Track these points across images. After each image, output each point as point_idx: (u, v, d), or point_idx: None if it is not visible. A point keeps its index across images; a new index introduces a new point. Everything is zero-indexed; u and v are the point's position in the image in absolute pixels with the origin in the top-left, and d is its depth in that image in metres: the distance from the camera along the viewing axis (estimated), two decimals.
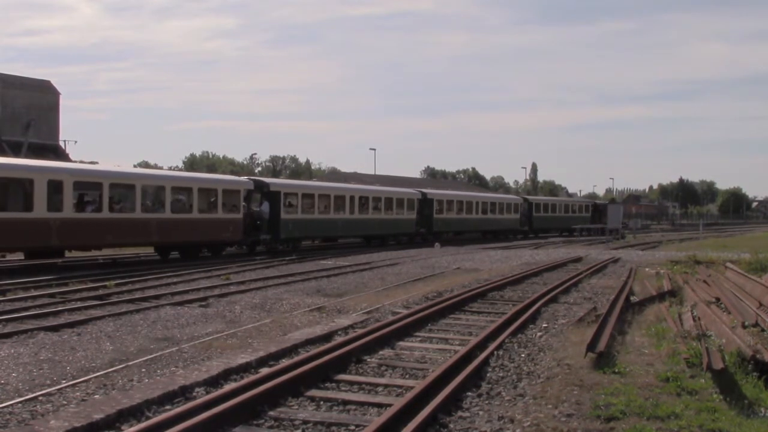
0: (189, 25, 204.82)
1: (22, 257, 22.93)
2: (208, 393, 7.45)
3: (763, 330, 10.46)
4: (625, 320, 12.33)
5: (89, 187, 23.19)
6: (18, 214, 20.53)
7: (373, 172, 72.72)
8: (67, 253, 23.35)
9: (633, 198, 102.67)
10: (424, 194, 42.87)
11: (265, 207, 30.05)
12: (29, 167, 21.70)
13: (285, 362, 8.74)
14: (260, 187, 30.41)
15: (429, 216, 42.15)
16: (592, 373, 8.45)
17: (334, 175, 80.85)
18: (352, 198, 35.65)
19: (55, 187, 21.18)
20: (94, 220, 22.64)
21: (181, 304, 14.66)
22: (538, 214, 56.33)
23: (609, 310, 12.45)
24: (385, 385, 8.10)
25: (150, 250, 27.49)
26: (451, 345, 10.55)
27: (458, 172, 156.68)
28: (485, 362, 9.02)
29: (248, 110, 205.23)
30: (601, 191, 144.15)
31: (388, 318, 12.48)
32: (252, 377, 7.90)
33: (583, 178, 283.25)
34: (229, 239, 27.80)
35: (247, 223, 28.43)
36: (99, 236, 22.83)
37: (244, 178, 31.52)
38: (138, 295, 15.97)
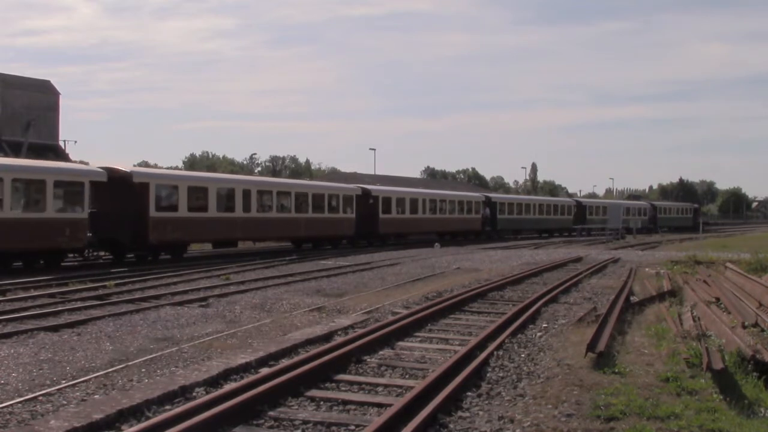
0: (188, 25, 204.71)
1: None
2: (208, 393, 7.45)
3: (763, 330, 10.46)
4: (625, 320, 12.33)
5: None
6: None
7: (373, 172, 72.66)
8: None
9: (633, 198, 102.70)
10: (578, 202, 67.10)
11: (487, 211, 50.68)
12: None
13: (285, 362, 8.74)
14: (487, 198, 52.26)
15: (583, 216, 63.16)
16: (592, 373, 8.45)
17: (335, 175, 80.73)
18: (534, 205, 57.27)
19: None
20: (408, 219, 41.36)
21: (181, 304, 14.66)
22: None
23: (609, 310, 12.45)
24: (385, 385, 8.09)
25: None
26: (451, 345, 10.55)
27: (458, 172, 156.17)
28: (485, 362, 9.02)
29: (248, 110, 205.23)
30: (601, 191, 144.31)
31: (388, 318, 12.48)
32: (252, 377, 7.90)
33: (583, 178, 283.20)
34: (473, 230, 49.37)
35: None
36: (412, 227, 42.26)
37: (480, 194, 53.85)
38: (138, 295, 15.99)
